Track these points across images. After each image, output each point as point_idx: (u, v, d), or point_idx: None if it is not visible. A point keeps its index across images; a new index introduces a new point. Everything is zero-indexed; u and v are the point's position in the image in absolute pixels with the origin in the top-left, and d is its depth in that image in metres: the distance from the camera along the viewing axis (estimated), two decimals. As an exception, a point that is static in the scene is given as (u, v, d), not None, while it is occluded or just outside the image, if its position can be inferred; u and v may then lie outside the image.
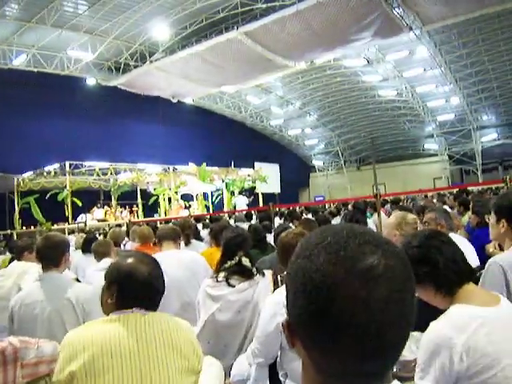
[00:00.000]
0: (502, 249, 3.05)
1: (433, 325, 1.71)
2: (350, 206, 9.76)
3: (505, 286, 2.32)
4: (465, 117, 30.97)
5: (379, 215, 6.65)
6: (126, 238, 7.65)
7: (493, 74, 26.14)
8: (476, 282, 2.09)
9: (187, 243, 5.77)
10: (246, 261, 3.21)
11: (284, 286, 0.79)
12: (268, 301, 2.67)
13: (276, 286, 3.30)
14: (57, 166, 19.75)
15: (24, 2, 16.63)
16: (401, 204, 10.16)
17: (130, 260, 2.06)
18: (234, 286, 3.14)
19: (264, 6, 18.01)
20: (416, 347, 1.95)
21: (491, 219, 2.61)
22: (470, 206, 6.17)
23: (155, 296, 2.08)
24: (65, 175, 19.56)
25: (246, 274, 3.20)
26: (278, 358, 2.73)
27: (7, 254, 7.79)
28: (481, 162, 32.23)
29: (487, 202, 5.58)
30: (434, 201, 11.55)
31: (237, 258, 3.20)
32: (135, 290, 2.01)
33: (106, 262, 4.47)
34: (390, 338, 0.72)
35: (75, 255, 6.34)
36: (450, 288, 1.83)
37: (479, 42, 22.99)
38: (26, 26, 18.31)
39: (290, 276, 0.78)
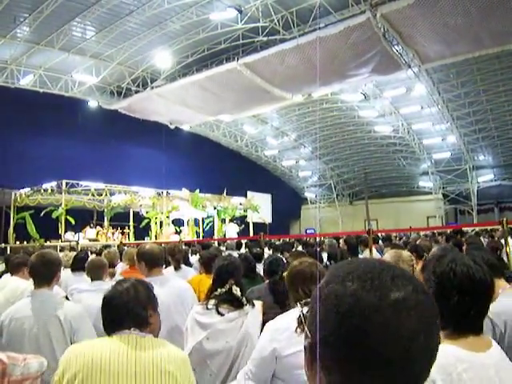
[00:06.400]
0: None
1: None
2: (341, 241, 9.71)
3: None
4: (461, 156, 30.80)
5: (371, 251, 6.66)
6: (119, 260, 7.61)
7: (491, 114, 26.16)
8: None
9: (177, 268, 5.75)
10: (236, 289, 3.19)
11: (284, 314, 0.76)
12: (268, 326, 2.62)
13: (265, 316, 3.25)
14: (54, 183, 20.07)
15: (35, 26, 17.07)
16: (393, 242, 9.99)
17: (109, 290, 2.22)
18: (223, 315, 3.12)
19: (265, 38, 18.34)
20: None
21: None
22: (464, 247, 6.15)
23: (135, 315, 2.10)
24: (61, 193, 19.77)
25: (235, 303, 3.18)
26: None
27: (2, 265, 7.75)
28: (476, 203, 31.72)
29: (483, 244, 5.48)
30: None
31: (227, 286, 3.19)
32: (111, 314, 2.11)
33: (96, 284, 4.49)
34: (416, 368, 0.73)
35: (63, 273, 6.29)
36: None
37: (478, 81, 23.17)
38: (35, 47, 18.91)
39: (320, 299, 0.78)
